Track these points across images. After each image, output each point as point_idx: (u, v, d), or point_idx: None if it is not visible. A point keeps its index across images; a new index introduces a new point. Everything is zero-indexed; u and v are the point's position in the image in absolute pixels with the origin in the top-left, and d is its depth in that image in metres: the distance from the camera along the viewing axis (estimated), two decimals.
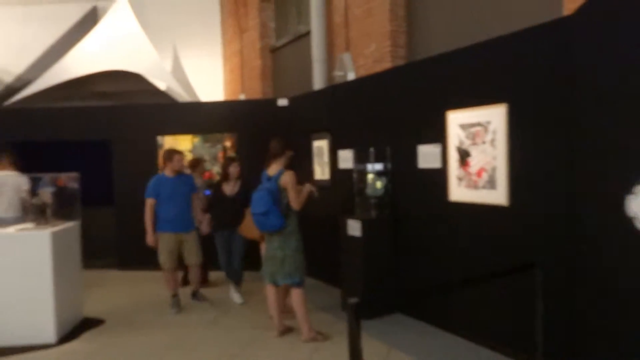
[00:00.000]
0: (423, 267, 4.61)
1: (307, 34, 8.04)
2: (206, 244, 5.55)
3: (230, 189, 5.43)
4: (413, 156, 4.61)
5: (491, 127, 3.78)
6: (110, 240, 7.21)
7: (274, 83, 9.78)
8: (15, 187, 5.75)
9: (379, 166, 4.93)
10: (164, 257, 5.13)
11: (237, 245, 5.44)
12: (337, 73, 7.06)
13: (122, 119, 7.39)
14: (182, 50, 11.67)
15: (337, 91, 6.06)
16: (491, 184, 3.81)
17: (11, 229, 4.54)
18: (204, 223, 5.48)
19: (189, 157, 6.79)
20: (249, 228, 5.06)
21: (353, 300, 2.03)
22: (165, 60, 10.90)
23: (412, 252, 4.74)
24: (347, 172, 5.43)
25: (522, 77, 3.57)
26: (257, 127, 6.92)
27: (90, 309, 5.20)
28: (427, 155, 4.48)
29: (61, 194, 5.30)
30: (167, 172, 5.21)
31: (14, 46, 11.65)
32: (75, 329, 4.73)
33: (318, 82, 7.48)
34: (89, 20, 11.63)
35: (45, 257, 4.32)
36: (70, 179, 5.43)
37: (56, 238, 4.44)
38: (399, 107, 4.85)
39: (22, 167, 6.09)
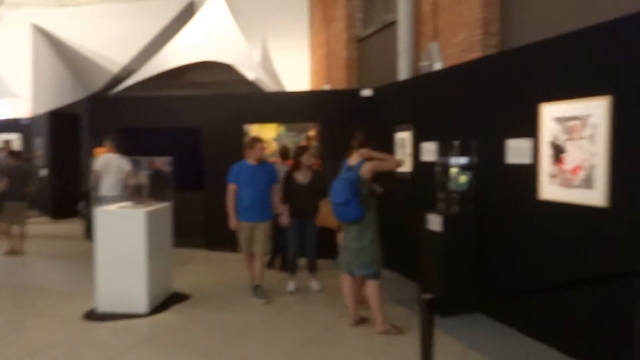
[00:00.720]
0: (506, 267, 4.39)
1: (394, 23, 7.90)
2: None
3: (302, 177, 5.43)
4: (501, 150, 4.39)
5: (590, 121, 3.49)
6: (198, 221, 7.63)
7: (358, 73, 9.74)
8: (118, 168, 6.34)
9: (463, 160, 4.75)
10: (241, 244, 5.20)
11: (312, 233, 5.48)
12: (424, 63, 6.88)
13: (212, 107, 7.77)
14: (270, 41, 11.99)
15: (422, 81, 5.91)
16: (588, 183, 3.52)
17: (113, 207, 4.97)
18: (285, 214, 5.38)
19: (272, 145, 7.00)
20: (326, 217, 5.14)
21: (427, 296, 1.98)
22: (254, 51, 11.28)
23: (495, 250, 4.53)
24: (430, 165, 5.29)
25: (629, 67, 3.24)
26: (340, 117, 6.96)
27: (179, 285, 5.55)
28: (516, 150, 4.24)
29: (156, 177, 5.70)
30: (249, 160, 5.20)
31: (120, 40, 12.66)
32: (165, 301, 5.08)
33: (403, 73, 7.34)
34: (186, 14, 12.30)
35: (140, 233, 4.68)
36: (164, 163, 5.81)
37: (150, 217, 4.79)
38: (488, 98, 4.62)
39: (124, 150, 6.64)
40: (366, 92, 6.92)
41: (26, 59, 13.31)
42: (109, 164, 6.49)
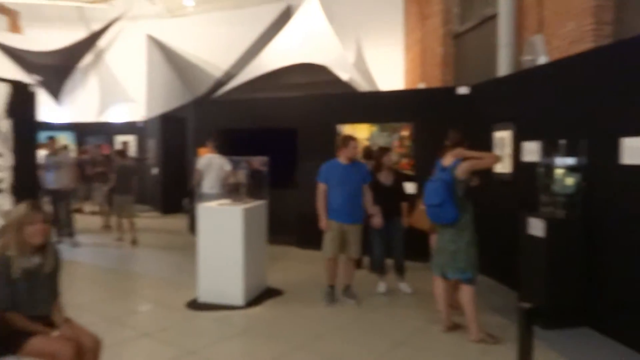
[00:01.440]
0: (620, 278, 3.99)
1: (494, 16, 7.52)
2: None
3: (384, 179, 5.36)
4: (615, 150, 3.99)
5: None
6: (291, 219, 7.85)
7: (455, 71, 9.41)
8: (219, 168, 6.74)
9: (570, 160, 4.39)
10: (326, 245, 5.00)
11: (397, 235, 5.37)
12: (526, 57, 6.47)
13: (306, 108, 7.95)
14: (364, 41, 11.99)
15: (525, 77, 5.56)
16: None
17: (213, 203, 5.28)
18: (376, 217, 5.13)
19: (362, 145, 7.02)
20: (419, 218, 5.03)
21: (526, 305, 1.85)
22: (348, 52, 11.35)
23: (607, 260, 4.14)
24: (532, 165, 4.95)
25: None
26: (435, 117, 6.78)
27: (272, 280, 5.75)
28: (634, 150, 3.83)
29: (253, 176, 5.96)
30: (341, 159, 5.04)
31: (222, 45, 13.41)
32: (260, 295, 5.29)
33: (503, 68, 6.96)
34: (284, 19, 12.70)
35: (238, 230, 4.92)
36: (260, 163, 6.05)
37: (247, 214, 5.02)
38: (600, 93, 4.23)
39: (224, 150, 7.04)
40: (463, 90, 6.66)
41: (141, 67, 14.58)
42: (210, 164, 6.93)
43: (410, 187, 7.09)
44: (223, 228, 4.97)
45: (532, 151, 5.08)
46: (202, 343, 4.05)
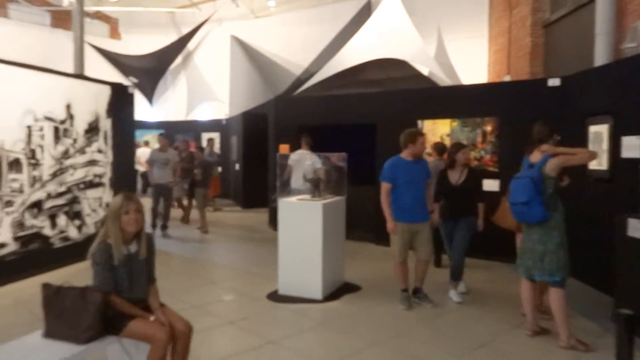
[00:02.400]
0: None
1: (590, 2, 6.98)
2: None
3: (456, 176, 5.06)
4: None
5: None
6: (369, 215, 7.83)
7: (544, 62, 8.86)
8: (309, 163, 6.66)
9: None
10: (397, 249, 4.73)
11: (460, 237, 5.00)
12: (628, 45, 5.94)
13: (386, 103, 7.88)
14: (446, 34, 11.65)
15: (626, 66, 5.11)
16: None
17: (293, 198, 5.40)
18: (436, 212, 5.04)
19: (444, 141, 6.84)
20: (503, 217, 4.80)
21: (625, 311, 1.71)
22: (429, 46, 11.08)
23: None
24: (633, 162, 4.56)
25: None
26: (523, 111, 6.45)
27: (349, 275, 5.78)
28: None
29: (332, 172, 6.01)
30: (406, 156, 4.73)
31: (302, 44, 13.64)
32: (337, 290, 5.34)
33: (600, 58, 6.45)
34: (364, 14, 12.65)
35: (318, 224, 5.00)
36: (339, 159, 6.08)
37: (326, 209, 5.08)
38: None
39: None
40: (554, 82, 6.26)
41: (226, 67, 15.23)
42: (300, 160, 7.00)
43: (492, 185, 6.83)
44: (303, 223, 5.07)
45: (633, 146, 4.66)
46: (282, 334, 4.16)
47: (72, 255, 6.27)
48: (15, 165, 5.56)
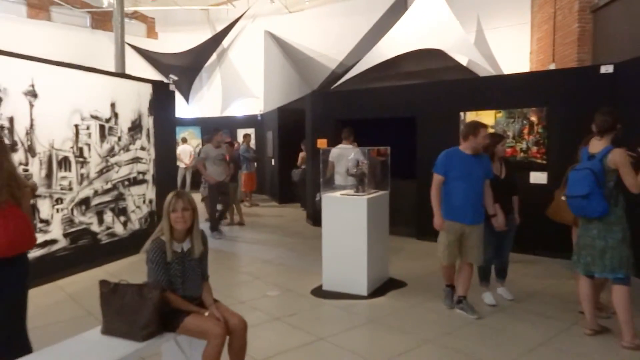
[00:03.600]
0: None
1: None
2: None
3: (495, 170, 4.64)
4: None
5: None
6: (410, 211, 7.70)
7: (593, 49, 8.47)
8: (351, 159, 6.52)
9: None
10: (442, 250, 4.40)
11: (510, 235, 4.73)
12: None
13: (426, 96, 7.71)
14: (486, 23, 11.31)
15: None
16: None
17: (336, 193, 5.34)
18: (499, 216, 4.49)
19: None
20: (558, 210, 4.60)
21: None
22: (468, 35, 10.79)
23: None
24: None
25: None
26: (572, 99, 6.19)
27: (393, 271, 5.68)
28: None
29: (374, 166, 5.91)
30: (465, 148, 4.32)
31: (337, 37, 13.51)
32: (382, 286, 5.27)
33: None
34: (400, 5, 12.41)
35: (362, 220, 4.92)
36: (381, 153, 5.98)
37: (371, 204, 5.00)
38: None
39: (339, 141, 7.06)
40: (607, 69, 5.97)
41: (261, 63, 15.26)
42: (342, 155, 6.83)
43: (539, 177, 6.59)
44: (347, 218, 5.00)
45: None
46: (330, 330, 4.11)
47: (119, 250, 6.41)
48: (64, 163, 5.70)
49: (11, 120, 5.05)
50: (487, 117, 7.02)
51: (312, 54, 14.33)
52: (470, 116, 7.11)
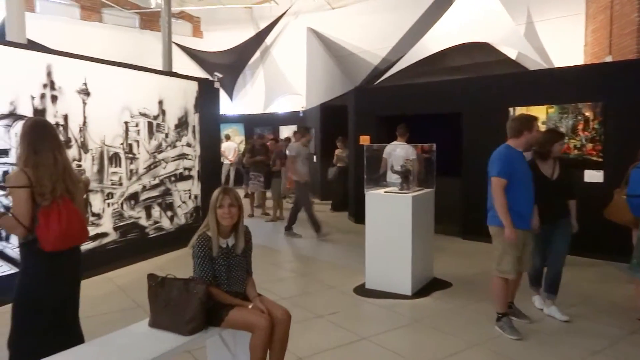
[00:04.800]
0: None
1: None
2: None
3: (550, 170, 4.20)
4: None
5: None
6: (455, 209, 7.50)
7: None
8: (402, 155, 6.26)
9: None
10: (507, 261, 3.86)
11: (563, 243, 4.22)
12: None
13: (472, 91, 7.49)
14: (537, 13, 10.87)
15: None
16: None
17: (381, 191, 5.25)
18: (536, 217, 4.03)
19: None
20: (617, 210, 4.35)
21: None
22: (518, 26, 10.41)
23: None
24: None
25: None
26: (631, 94, 5.85)
27: (437, 271, 5.55)
28: None
29: (421, 163, 5.79)
30: (518, 145, 3.91)
31: (380, 33, 13.35)
32: (426, 286, 5.15)
33: None
34: (443, 1, 12.12)
35: (407, 218, 4.82)
36: (426, 149, 5.84)
37: (416, 202, 4.89)
38: None
39: (383, 138, 6.94)
40: None
41: (303, 60, 15.29)
42: (393, 151, 6.65)
43: (595, 176, 6.27)
44: (391, 216, 4.92)
45: None
46: (373, 330, 4.05)
47: (166, 244, 6.57)
48: (114, 159, 5.88)
49: (66, 117, 5.25)
50: (538, 113, 6.73)
51: (355, 50, 14.22)
52: (520, 112, 6.84)
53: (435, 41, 10.19)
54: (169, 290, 2.76)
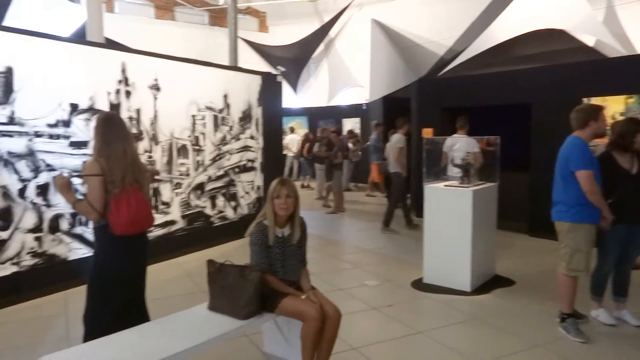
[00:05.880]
0: None
1: None
2: None
3: (628, 164, 3.83)
4: None
5: None
6: (522, 204, 7.19)
7: None
8: (464, 149, 5.99)
9: None
10: (579, 259, 3.67)
11: (637, 245, 3.92)
12: None
13: (543, 81, 7.12)
14: None
15: None
16: None
17: (440, 184, 5.15)
18: (608, 212, 3.68)
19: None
20: None
21: None
22: (596, 11, 9.72)
23: None
24: None
25: None
26: None
27: (500, 268, 5.37)
28: None
29: (482, 156, 5.61)
30: (586, 137, 3.70)
31: (446, 22, 12.96)
32: (487, 283, 5.00)
33: None
34: None
35: (467, 212, 4.70)
36: (491, 142, 5.64)
37: (477, 196, 4.75)
38: None
39: (447, 130, 6.77)
40: None
41: (367, 52, 15.19)
42: (455, 144, 6.44)
43: None
44: (451, 210, 4.82)
45: None
46: (429, 324, 4.01)
47: (229, 233, 6.82)
48: (182, 151, 6.18)
49: (138, 111, 5.59)
50: (616, 103, 6.31)
51: (420, 41, 13.92)
52: (595, 102, 6.43)
53: (505, 29, 9.75)
54: (225, 275, 2.89)
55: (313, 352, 2.81)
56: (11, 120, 4.40)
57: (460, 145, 6.20)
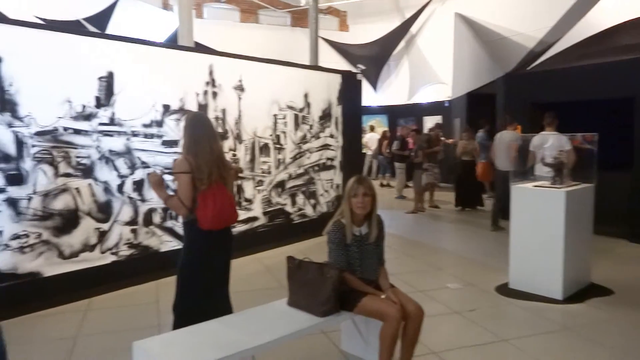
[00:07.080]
0: None
1: None
2: None
3: None
4: None
5: None
6: (622, 207, 6.61)
7: None
8: (556, 146, 5.65)
9: None
10: None
11: None
12: None
13: None
14: None
15: None
16: None
17: (529, 185, 4.86)
18: None
19: None
20: None
21: None
22: None
23: None
24: None
25: None
26: None
27: (597, 276, 4.97)
28: None
29: (577, 155, 5.22)
30: None
31: (535, 13, 12.19)
32: (581, 291, 4.65)
33: None
34: None
35: (559, 215, 4.39)
36: (587, 140, 5.23)
37: (570, 198, 4.43)
38: None
39: (536, 127, 6.37)
40: None
41: (450, 48, 14.73)
42: (544, 142, 6.00)
43: None
44: (541, 212, 4.53)
45: None
46: (515, 332, 3.80)
47: (308, 230, 6.92)
48: (264, 149, 6.37)
49: (224, 111, 5.84)
50: None
51: (507, 34, 13.22)
52: None
53: (604, 16, 8.99)
54: (305, 272, 2.93)
55: (391, 353, 2.76)
56: (112, 121, 4.78)
57: (551, 143, 5.79)
